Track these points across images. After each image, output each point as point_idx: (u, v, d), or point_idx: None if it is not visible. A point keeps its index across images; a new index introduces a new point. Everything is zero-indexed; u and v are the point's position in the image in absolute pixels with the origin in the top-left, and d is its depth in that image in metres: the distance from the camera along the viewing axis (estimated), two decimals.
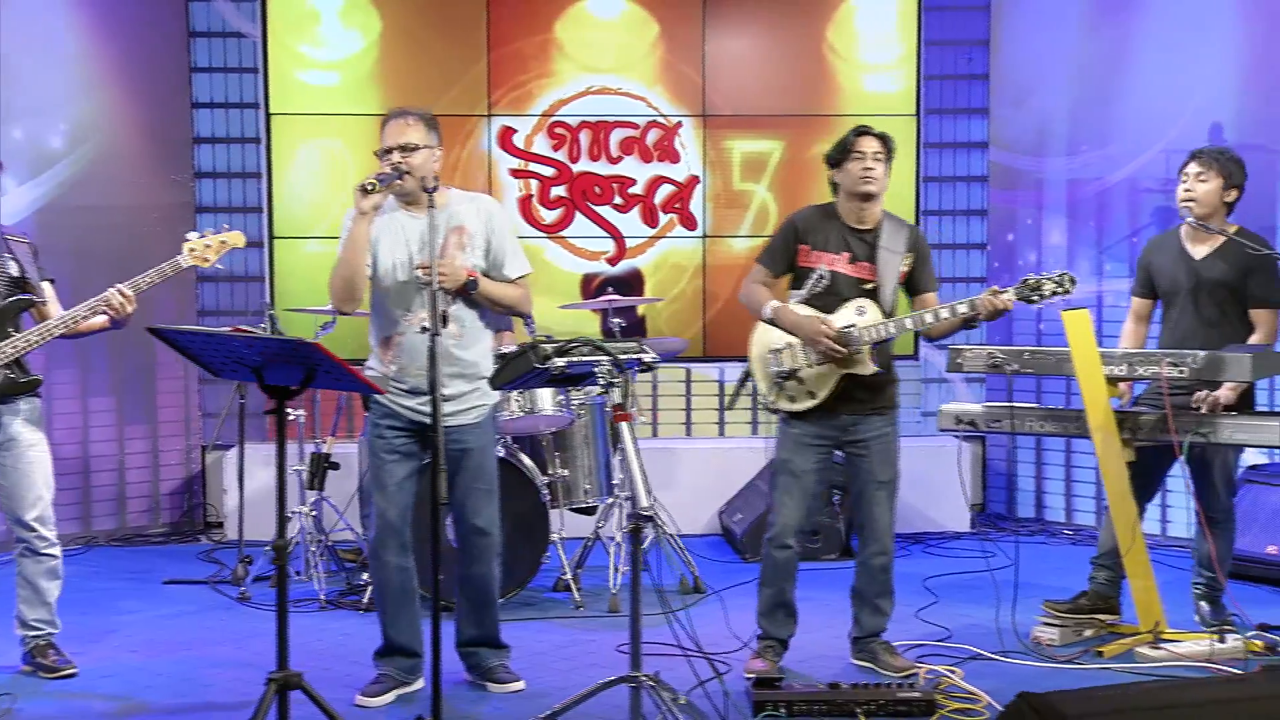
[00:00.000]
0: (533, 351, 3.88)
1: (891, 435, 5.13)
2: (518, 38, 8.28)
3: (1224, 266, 5.43)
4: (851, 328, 4.92)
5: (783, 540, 5.08)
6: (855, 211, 5.03)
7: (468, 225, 4.72)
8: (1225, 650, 5.11)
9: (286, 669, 3.99)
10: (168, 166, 8.06)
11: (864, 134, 5.01)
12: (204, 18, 8.11)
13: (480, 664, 4.92)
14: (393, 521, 4.71)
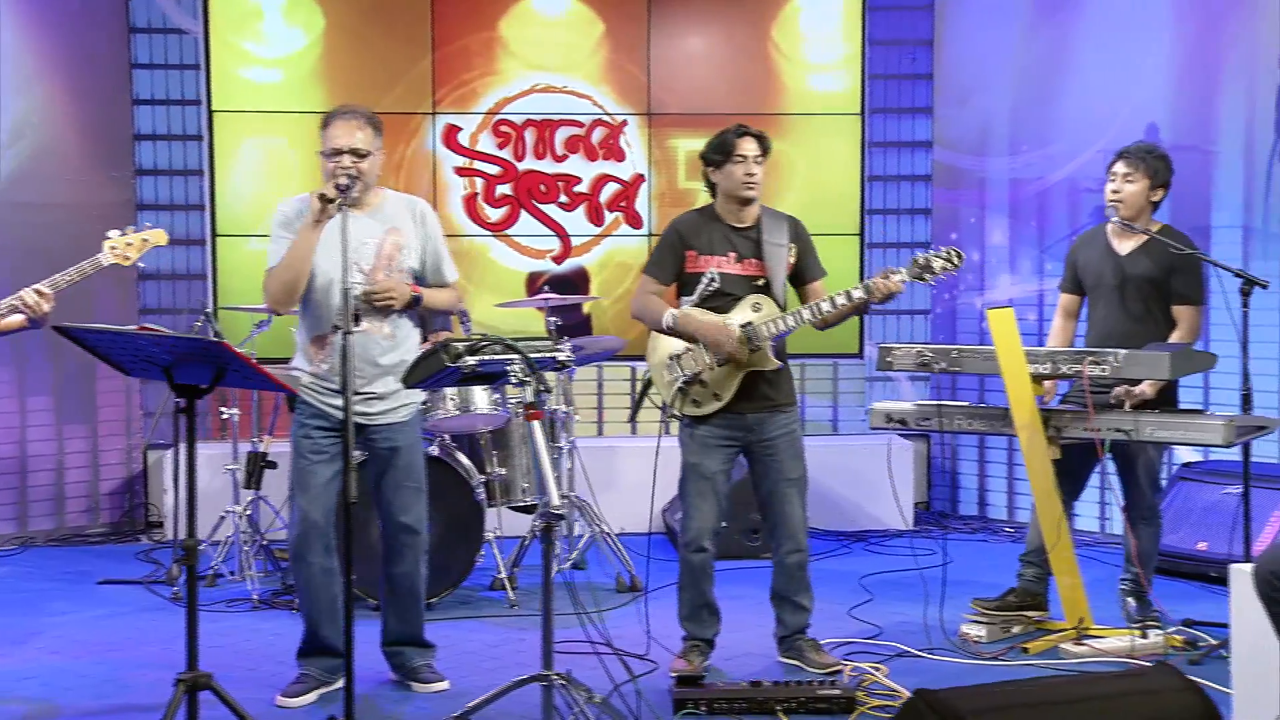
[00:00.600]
0: (444, 350, 3.89)
1: (798, 432, 5.18)
2: (462, 35, 8.29)
3: (1148, 263, 5.49)
4: (749, 325, 4.95)
5: (699, 544, 5.11)
6: (735, 212, 5.08)
7: (403, 228, 4.76)
8: (1146, 646, 5.17)
9: (196, 670, 3.99)
10: (108, 163, 8.04)
11: (745, 135, 5.03)
12: (144, 13, 8.10)
13: (405, 664, 4.91)
14: (317, 521, 4.70)
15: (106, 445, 8.03)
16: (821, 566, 6.97)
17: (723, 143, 5.02)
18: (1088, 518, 7.54)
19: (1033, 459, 5.31)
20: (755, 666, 5.20)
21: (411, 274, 4.75)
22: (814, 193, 8.50)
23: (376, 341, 4.68)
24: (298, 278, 4.59)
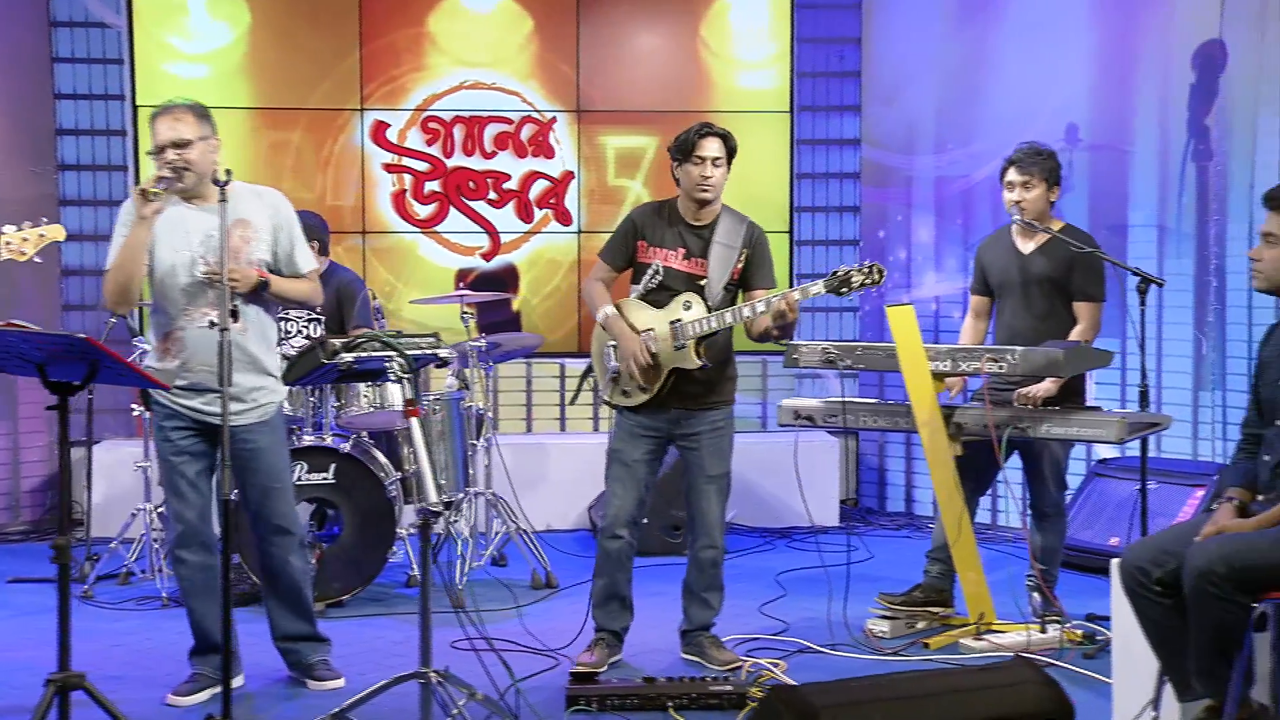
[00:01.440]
0: (321, 348, 3.89)
1: (725, 430, 5.19)
2: (390, 31, 8.29)
3: (1049, 262, 5.55)
4: (678, 322, 4.98)
5: (614, 530, 5.13)
6: (693, 210, 5.11)
7: (253, 220, 4.66)
8: (1042, 641, 5.23)
9: (68, 670, 3.97)
10: (29, 158, 8.01)
11: (708, 135, 5.05)
12: (65, 7, 8.07)
13: (300, 660, 4.88)
14: (192, 522, 4.65)
15: (27, 443, 7.99)
16: (743, 563, 7.05)
17: (685, 140, 5.05)
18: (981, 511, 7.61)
19: (934, 456, 5.36)
20: (660, 662, 5.22)
21: (264, 266, 4.65)
22: (743, 190, 8.41)
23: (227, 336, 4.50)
24: (130, 277, 4.50)
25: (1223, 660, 3.49)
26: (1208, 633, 3.51)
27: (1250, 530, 3.60)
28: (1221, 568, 3.45)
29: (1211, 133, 6.78)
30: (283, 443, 4.86)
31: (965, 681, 3.28)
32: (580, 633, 5.31)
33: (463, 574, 6.21)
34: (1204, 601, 3.48)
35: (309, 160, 8.28)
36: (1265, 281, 3.73)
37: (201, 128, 4.62)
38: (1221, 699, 3.52)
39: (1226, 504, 3.77)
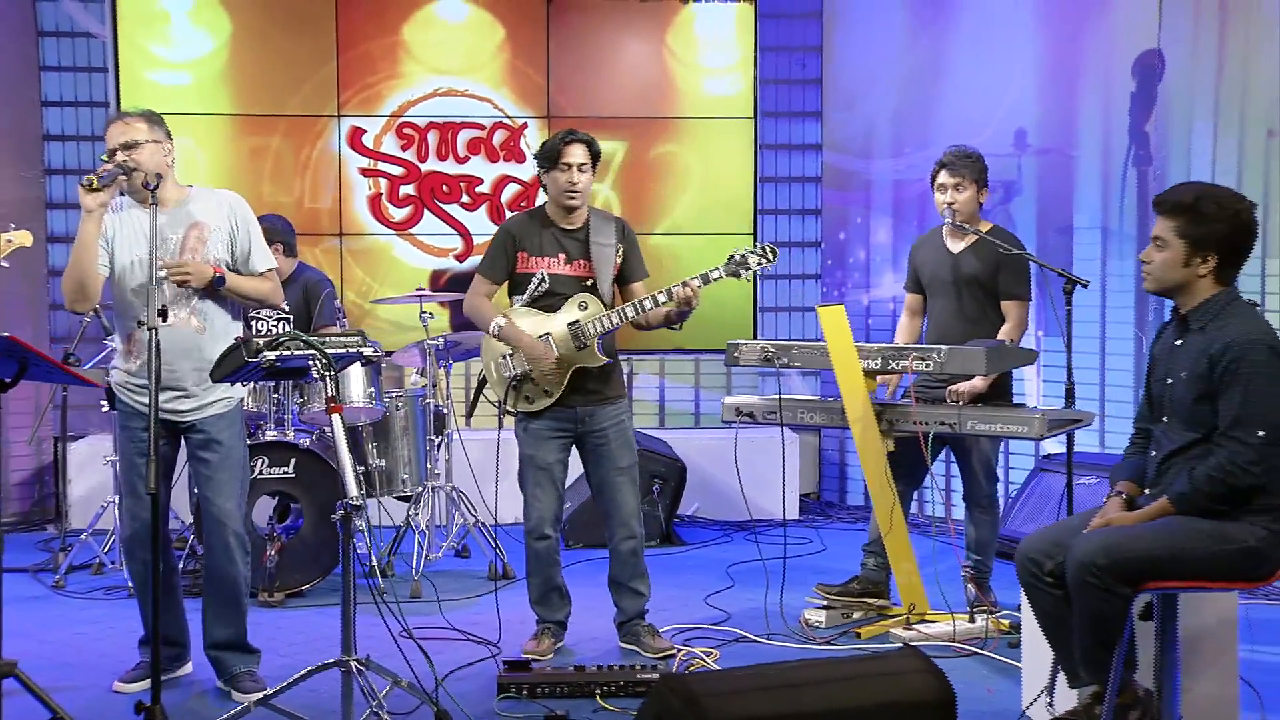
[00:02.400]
0: (245, 346, 3.91)
1: (627, 423, 5.23)
2: (366, 40, 8.33)
3: (977, 263, 5.57)
4: (577, 323, 5.01)
5: (541, 531, 5.16)
6: (563, 215, 5.13)
7: (207, 221, 4.65)
8: (968, 630, 5.25)
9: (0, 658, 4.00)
10: (17, 162, 8.05)
11: (572, 142, 5.06)
12: (52, 17, 8.12)
13: (226, 670, 4.74)
14: (146, 521, 4.54)
15: (16, 437, 8.03)
16: (698, 555, 7.08)
17: (551, 148, 5.06)
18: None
19: (865, 451, 5.37)
20: (598, 650, 5.25)
21: (222, 264, 4.64)
22: (708, 193, 8.56)
23: (185, 335, 4.55)
24: (83, 274, 4.47)
25: (1103, 648, 3.51)
26: (1089, 621, 3.52)
27: (1133, 523, 3.61)
28: (1101, 559, 3.47)
29: (1151, 139, 6.78)
30: (241, 439, 4.78)
31: (849, 670, 3.29)
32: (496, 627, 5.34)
33: (420, 565, 6.22)
34: (1084, 591, 3.49)
35: (288, 165, 8.32)
36: (1155, 283, 3.74)
37: (153, 132, 4.62)
38: (1104, 685, 3.53)
39: (1115, 498, 3.78)
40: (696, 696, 3.06)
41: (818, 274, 8.57)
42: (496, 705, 4.53)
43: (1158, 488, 3.68)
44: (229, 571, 4.71)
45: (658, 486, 7.25)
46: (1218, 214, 3.61)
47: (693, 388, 8.57)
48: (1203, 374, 3.58)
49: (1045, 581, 3.67)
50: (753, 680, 3.25)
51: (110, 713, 4.42)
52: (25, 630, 5.58)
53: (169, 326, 4.51)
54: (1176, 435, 3.67)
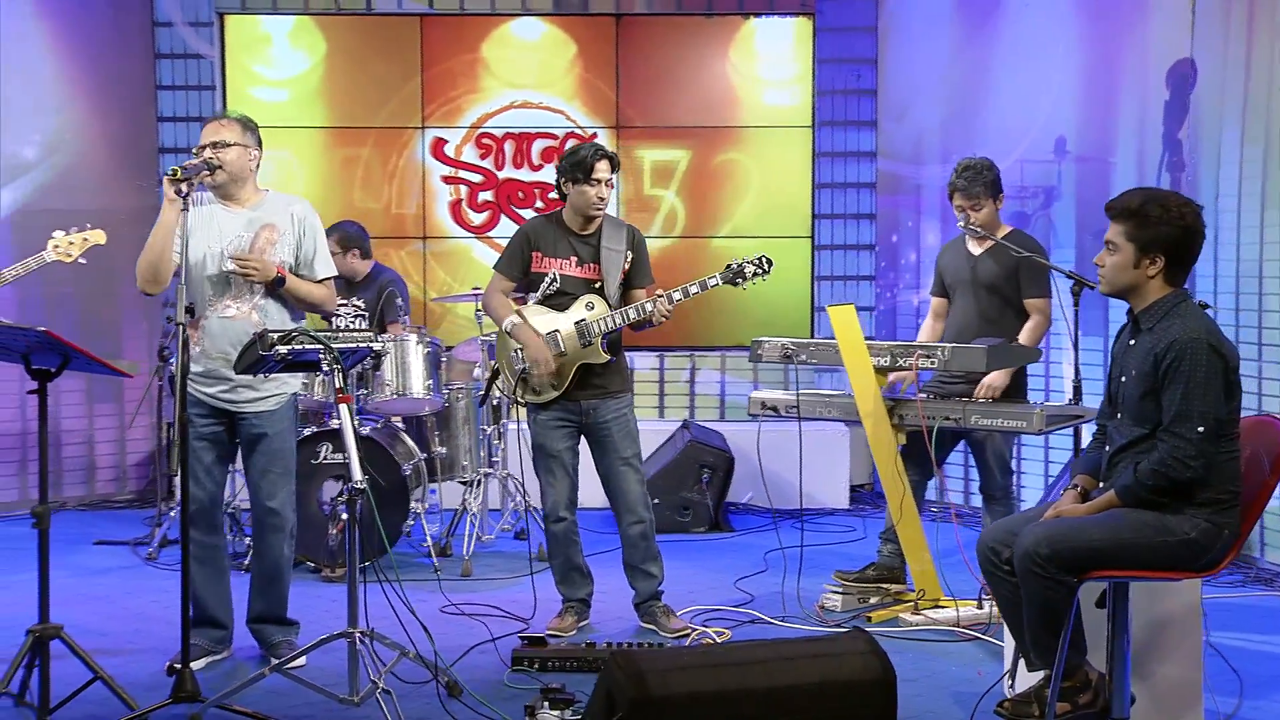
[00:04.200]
0: (260, 341, 4.01)
1: (629, 415, 5.25)
2: (448, 57, 8.46)
3: (995, 266, 5.50)
4: (583, 321, 5.04)
5: (556, 514, 5.21)
6: (580, 222, 5.16)
7: (279, 224, 4.74)
8: (972, 616, 5.17)
9: (47, 622, 4.12)
10: (134, 174, 8.32)
11: (602, 158, 5.08)
12: (168, 41, 8.38)
13: (266, 640, 4.80)
14: (204, 503, 4.66)
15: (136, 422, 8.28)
16: (742, 541, 7.06)
17: (581, 161, 5.07)
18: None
19: (877, 444, 5.32)
20: (625, 627, 5.28)
21: (286, 266, 4.73)
22: (768, 199, 8.54)
23: (244, 327, 4.55)
24: (158, 258, 4.51)
25: (1050, 634, 3.44)
26: (1035, 609, 3.46)
27: (1081, 514, 3.53)
28: (1044, 548, 3.40)
29: (1184, 145, 6.59)
30: (290, 432, 4.83)
31: (794, 650, 3.30)
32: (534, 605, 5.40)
33: (471, 546, 6.31)
34: (1029, 580, 3.43)
35: (376, 173, 8.49)
36: (1107, 285, 3.65)
37: (244, 137, 4.70)
38: (1052, 670, 3.47)
39: (1070, 490, 3.70)
40: (642, 673, 3.10)
41: (872, 275, 8.49)
42: (506, 677, 4.58)
43: (1108, 481, 3.60)
44: (274, 552, 4.78)
45: (706, 476, 7.25)
46: (1164, 217, 3.52)
47: (751, 382, 8.53)
48: (1148, 372, 3.50)
49: (1002, 570, 3.61)
50: (699, 658, 3.27)
51: (150, 678, 4.51)
52: (107, 597, 5.81)
53: (229, 318, 4.64)
54: (1126, 431, 3.59)
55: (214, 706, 4.09)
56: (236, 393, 4.67)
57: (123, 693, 4.13)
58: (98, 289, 7.74)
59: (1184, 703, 3.88)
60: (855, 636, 3.32)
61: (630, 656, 3.14)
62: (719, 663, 3.17)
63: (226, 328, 4.62)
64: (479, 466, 6.70)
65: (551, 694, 3.97)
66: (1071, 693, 3.51)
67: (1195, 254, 3.57)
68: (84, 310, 7.91)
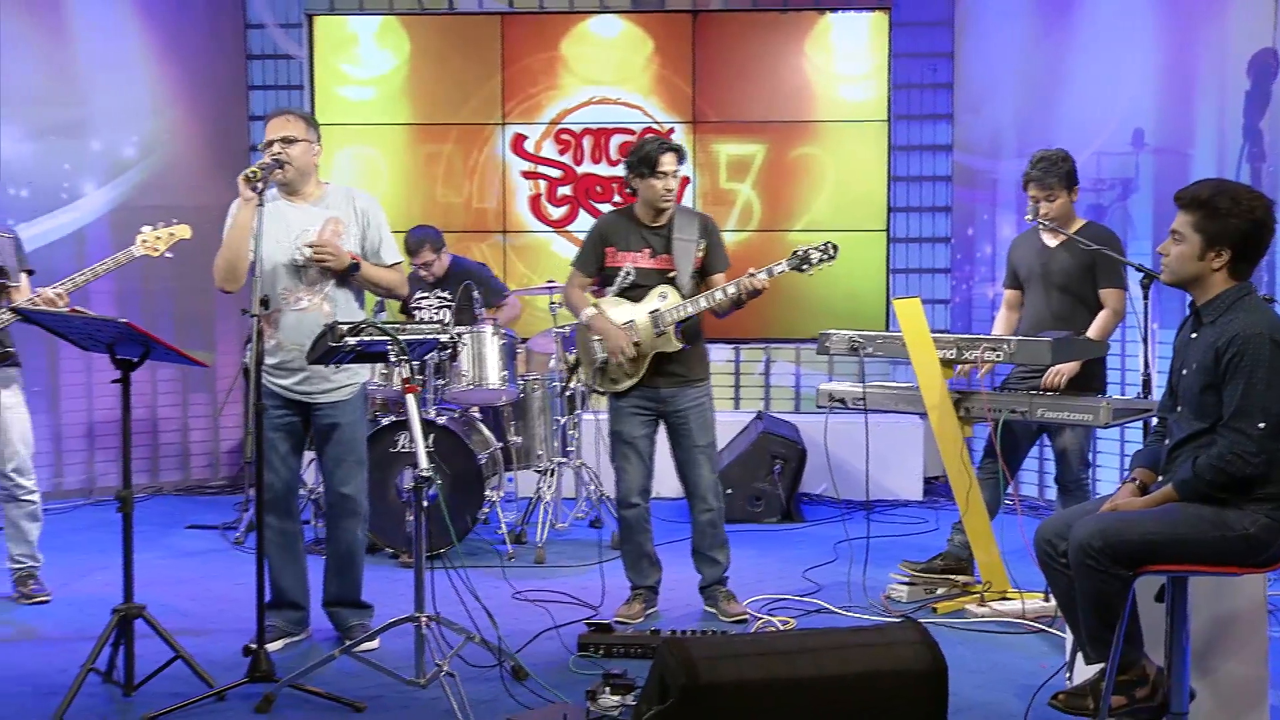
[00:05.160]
0: (330, 332, 4.06)
1: (707, 405, 5.23)
2: (528, 55, 8.50)
3: (1069, 258, 5.41)
4: (657, 311, 5.04)
5: (628, 501, 5.21)
6: (651, 214, 5.15)
7: (343, 217, 4.78)
8: (1039, 608, 5.08)
9: (131, 602, 4.22)
10: (227, 171, 8.39)
11: (667, 151, 5.08)
12: (259, 42, 8.51)
13: (341, 623, 4.86)
14: (279, 491, 4.71)
15: (227, 411, 8.44)
16: (813, 531, 7.02)
17: (646, 156, 5.07)
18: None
19: (943, 436, 5.25)
20: (692, 612, 5.28)
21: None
22: (844, 192, 8.47)
23: (316, 319, 4.56)
24: (235, 257, 4.58)
25: (1105, 627, 3.37)
26: (1090, 601, 3.38)
27: (1138, 508, 3.45)
28: (1098, 541, 3.33)
29: (1265, 137, 6.41)
30: (361, 421, 4.89)
31: (843, 639, 3.26)
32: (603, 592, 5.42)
33: (544, 534, 6.34)
34: (1084, 572, 3.36)
35: (458, 169, 8.56)
36: (1170, 275, 3.56)
37: (308, 132, 4.74)
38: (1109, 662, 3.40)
39: (1128, 484, 3.62)
40: (693, 659, 3.09)
41: (948, 268, 8.37)
42: (572, 663, 4.60)
43: (1167, 475, 3.51)
44: (348, 538, 4.84)
45: (779, 467, 7.22)
46: (1233, 210, 3.42)
47: (826, 375, 8.46)
48: (1209, 366, 3.40)
49: (1059, 563, 3.54)
50: (749, 646, 3.26)
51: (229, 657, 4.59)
52: (194, 579, 5.93)
53: (301, 310, 4.68)
54: (1186, 425, 3.49)
55: (287, 686, 4.15)
56: (310, 384, 4.72)
57: (201, 671, 4.23)
58: (193, 284, 7.88)
59: (1248, 700, 3.78)
60: (906, 626, 3.28)
61: (682, 643, 3.14)
62: (769, 651, 3.15)
63: (300, 320, 4.66)
64: (554, 456, 6.73)
65: (613, 679, 3.99)
66: (1128, 686, 3.44)
67: (1263, 249, 3.47)
68: (179, 304, 8.07)
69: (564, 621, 5.05)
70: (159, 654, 4.31)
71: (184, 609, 5.33)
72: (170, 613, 4.96)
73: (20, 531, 5.46)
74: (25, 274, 5.43)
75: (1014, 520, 5.42)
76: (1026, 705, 3.85)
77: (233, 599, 5.55)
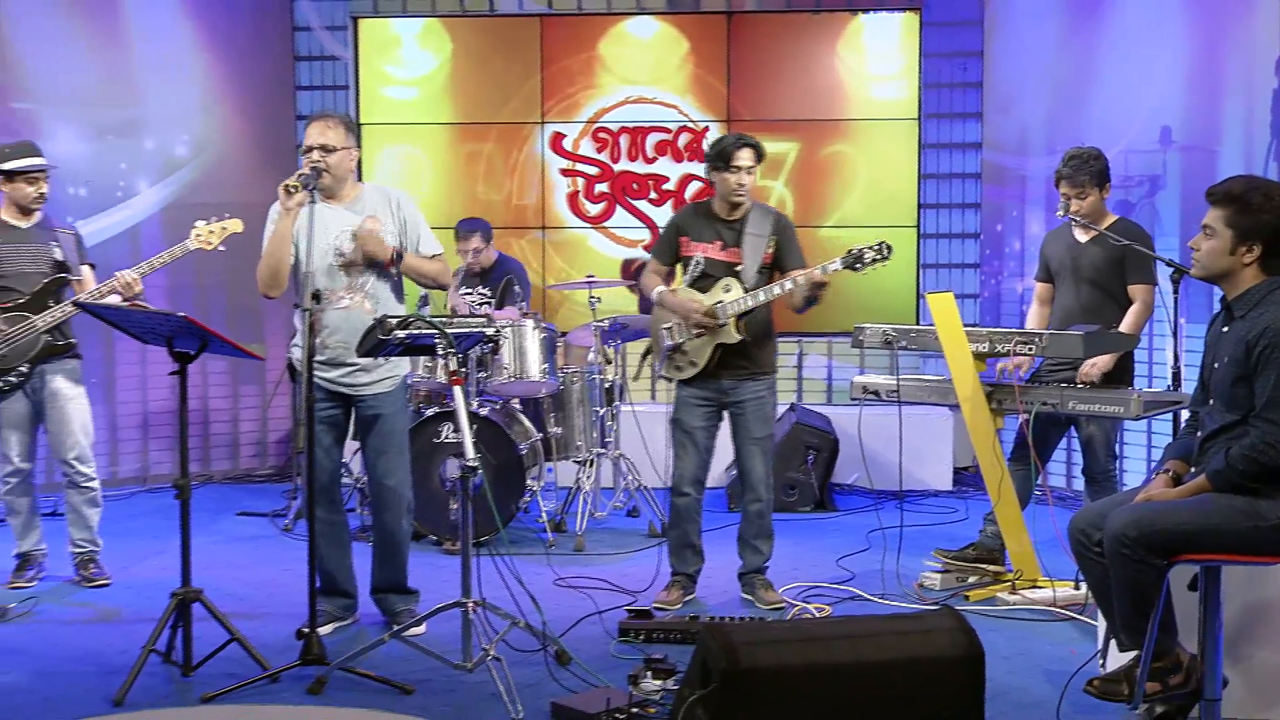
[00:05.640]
0: (380, 326, 4.08)
1: (767, 398, 5.21)
2: (566, 56, 8.50)
3: (1100, 253, 5.36)
4: (719, 303, 5.04)
5: (681, 489, 5.21)
6: (726, 208, 5.15)
7: (379, 214, 4.79)
8: (1069, 596, 5.06)
9: (189, 586, 4.26)
10: (275, 170, 8.46)
11: (743, 146, 5.06)
12: (306, 44, 8.55)
13: (389, 609, 4.87)
14: (324, 482, 4.69)
15: (276, 403, 8.50)
16: (846, 520, 7.00)
17: (723, 150, 5.08)
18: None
19: (975, 428, 5.22)
20: (729, 599, 5.28)
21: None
22: (875, 189, 8.44)
23: (361, 317, 4.60)
24: (278, 264, 4.60)
25: (1140, 615, 3.35)
26: (1125, 590, 3.37)
27: (1172, 498, 3.43)
28: (1133, 531, 3.31)
29: None
30: (403, 411, 4.90)
31: (882, 626, 3.26)
32: (641, 578, 5.45)
33: (584, 522, 6.35)
34: (1119, 561, 3.34)
35: (499, 167, 8.58)
36: (1201, 270, 3.54)
37: (347, 139, 4.75)
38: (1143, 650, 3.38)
39: (1162, 474, 3.60)
40: (734, 645, 3.09)
41: (977, 263, 8.33)
42: (613, 647, 4.61)
43: (1200, 466, 3.49)
44: (393, 526, 4.85)
45: (812, 457, 7.21)
46: (1265, 205, 3.39)
47: (857, 367, 8.45)
48: (1241, 359, 3.38)
49: (1093, 552, 3.52)
50: (788, 632, 3.26)
51: (281, 640, 4.63)
52: (245, 564, 5.98)
53: (344, 308, 4.69)
54: (1218, 417, 3.47)
55: (338, 669, 4.18)
56: (353, 376, 4.73)
57: (256, 653, 4.26)
58: (244, 279, 7.89)
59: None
60: (943, 613, 3.27)
61: (723, 629, 3.14)
62: (808, 637, 3.15)
63: (343, 318, 4.67)
64: (592, 446, 6.74)
65: (654, 664, 4.00)
66: (1162, 673, 3.42)
67: None
68: (230, 299, 8.12)
69: (605, 608, 5.06)
70: (214, 636, 4.35)
71: (236, 593, 5.37)
72: (223, 596, 4.97)
73: (81, 517, 5.52)
74: (88, 268, 5.49)
75: (1044, 510, 5.41)
76: (1060, 691, 3.83)
77: (282, 584, 5.60)
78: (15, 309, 5.25)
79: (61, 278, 5.37)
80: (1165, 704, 3.45)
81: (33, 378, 5.35)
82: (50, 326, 5.28)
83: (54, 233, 5.46)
